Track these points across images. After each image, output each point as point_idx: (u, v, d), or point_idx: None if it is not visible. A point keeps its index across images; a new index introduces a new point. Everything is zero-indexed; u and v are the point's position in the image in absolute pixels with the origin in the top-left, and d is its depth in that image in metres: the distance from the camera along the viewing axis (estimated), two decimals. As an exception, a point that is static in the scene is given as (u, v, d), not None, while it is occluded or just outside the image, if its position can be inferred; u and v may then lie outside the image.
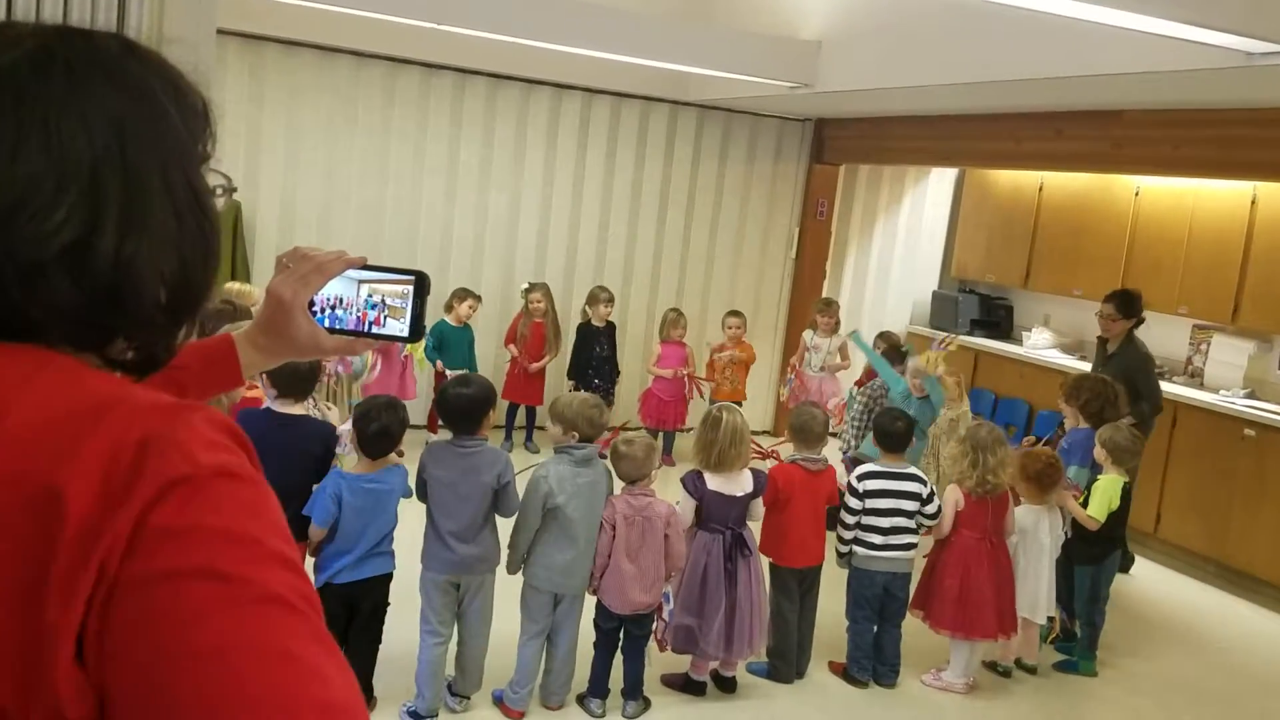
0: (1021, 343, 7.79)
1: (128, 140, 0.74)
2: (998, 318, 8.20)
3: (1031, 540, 4.34)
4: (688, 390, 7.01)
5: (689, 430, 5.32)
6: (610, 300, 7.09)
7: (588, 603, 3.79)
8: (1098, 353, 5.87)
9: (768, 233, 8.19)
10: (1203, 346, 6.67)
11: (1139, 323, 5.65)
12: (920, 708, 4.14)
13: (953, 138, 7.07)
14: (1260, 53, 3.93)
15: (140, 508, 0.63)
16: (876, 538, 4.17)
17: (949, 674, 4.26)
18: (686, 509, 3.88)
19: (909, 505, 4.19)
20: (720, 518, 3.87)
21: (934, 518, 4.22)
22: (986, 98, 5.96)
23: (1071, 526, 4.47)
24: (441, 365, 6.49)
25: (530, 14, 5.57)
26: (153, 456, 0.65)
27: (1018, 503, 4.39)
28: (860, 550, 4.19)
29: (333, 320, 1.21)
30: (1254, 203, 6.15)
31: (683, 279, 7.97)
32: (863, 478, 4.22)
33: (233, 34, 6.28)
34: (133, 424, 0.66)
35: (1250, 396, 6.19)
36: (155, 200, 0.75)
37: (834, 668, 4.29)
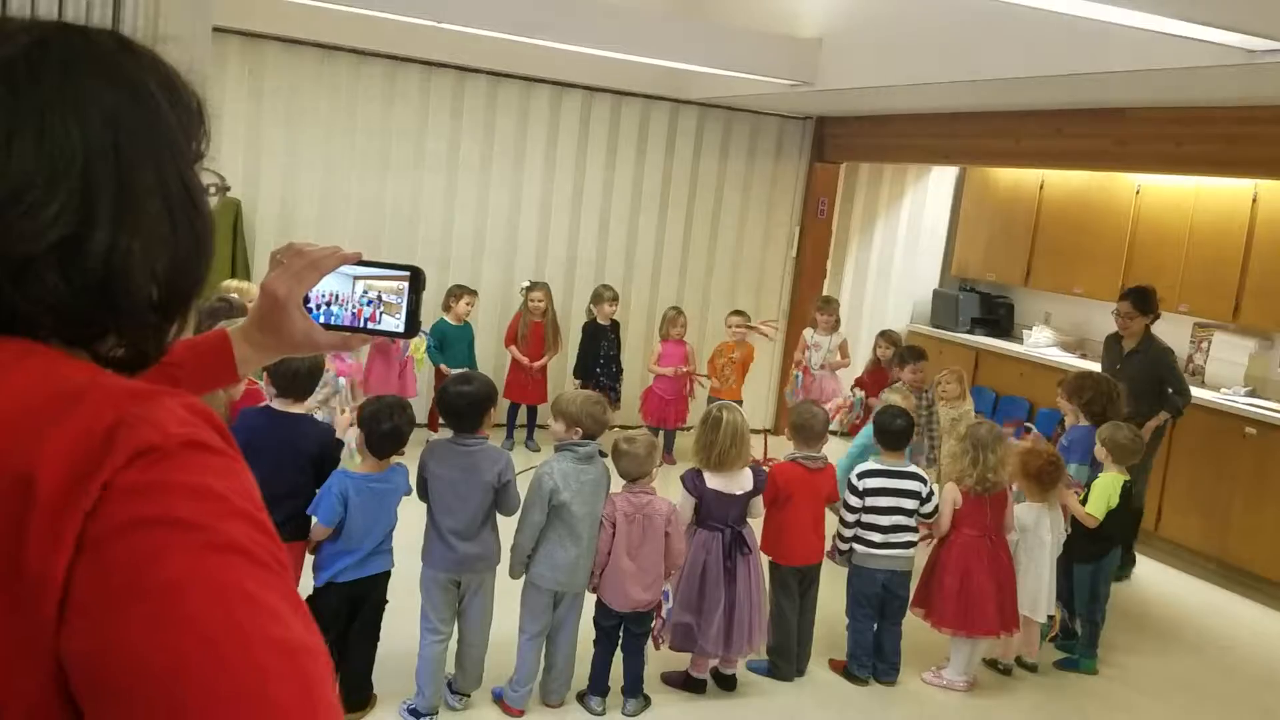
0: (1022, 341, 7.78)
1: (122, 137, 0.74)
2: (998, 316, 8.21)
3: (1033, 538, 4.34)
4: (688, 389, 7.02)
5: (689, 428, 5.31)
6: (615, 299, 7.10)
7: (587, 601, 3.79)
8: (1108, 351, 5.82)
9: (768, 231, 8.18)
10: (1204, 345, 6.66)
11: (1155, 318, 5.64)
12: (920, 706, 4.13)
13: (954, 136, 7.06)
14: (1262, 50, 3.93)
15: (109, 474, 0.63)
16: (876, 536, 4.17)
17: (949, 672, 4.26)
18: (685, 507, 3.88)
19: (909, 504, 4.19)
20: (720, 516, 3.87)
21: (931, 516, 4.22)
22: (987, 96, 5.95)
23: (1071, 524, 4.47)
24: (445, 368, 6.46)
25: (530, 12, 5.56)
26: (124, 431, 0.65)
27: (1018, 500, 4.39)
28: (860, 548, 4.19)
29: (328, 316, 1.21)
30: (1255, 201, 6.14)
31: (683, 277, 7.97)
32: (862, 476, 4.22)
33: (233, 32, 6.29)
34: (106, 408, 0.66)
35: (1251, 395, 6.18)
36: (148, 197, 0.75)
37: (834, 666, 4.29)
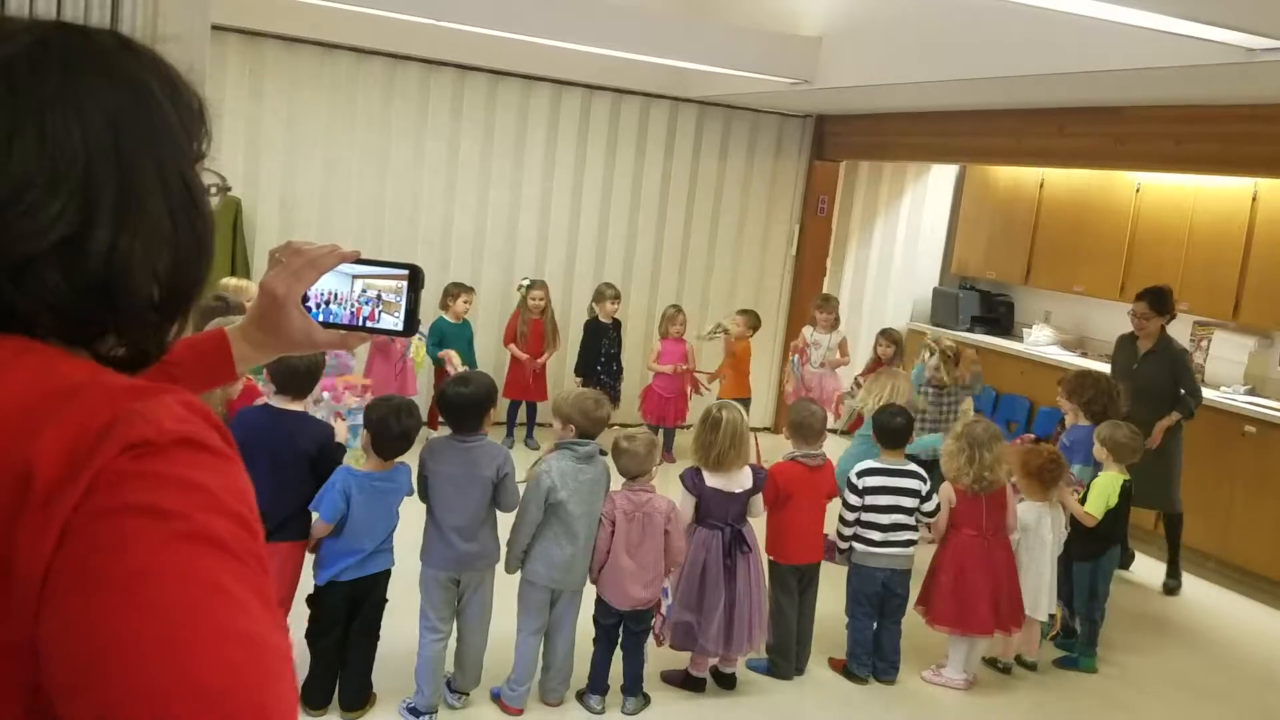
0: (1022, 339, 7.78)
1: (123, 136, 0.74)
2: (998, 314, 8.21)
3: (1033, 537, 4.34)
4: (688, 387, 7.02)
5: (689, 427, 5.31)
6: (617, 297, 7.10)
7: (586, 599, 3.79)
8: (1123, 351, 5.77)
9: (768, 230, 8.18)
10: (1203, 343, 6.66)
11: (1171, 319, 5.62)
12: (920, 704, 4.13)
13: (954, 134, 7.06)
14: (1261, 49, 3.93)
15: (101, 464, 0.63)
16: (876, 534, 4.17)
17: (948, 670, 4.26)
18: (686, 506, 3.88)
19: (908, 502, 4.19)
20: (719, 514, 3.87)
21: (931, 515, 4.22)
22: (988, 94, 5.95)
23: (1070, 523, 4.47)
24: (456, 357, 6.43)
25: (529, 10, 5.56)
26: (120, 426, 0.65)
27: (1020, 499, 4.39)
28: (860, 547, 4.19)
29: (326, 315, 1.21)
30: (1255, 199, 6.14)
31: (683, 276, 7.97)
32: (862, 474, 4.22)
33: (233, 30, 6.28)
34: (103, 405, 0.67)
35: (1251, 393, 6.18)
36: (149, 197, 0.75)
37: (834, 664, 4.29)
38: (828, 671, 4.28)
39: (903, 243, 8.62)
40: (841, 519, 4.22)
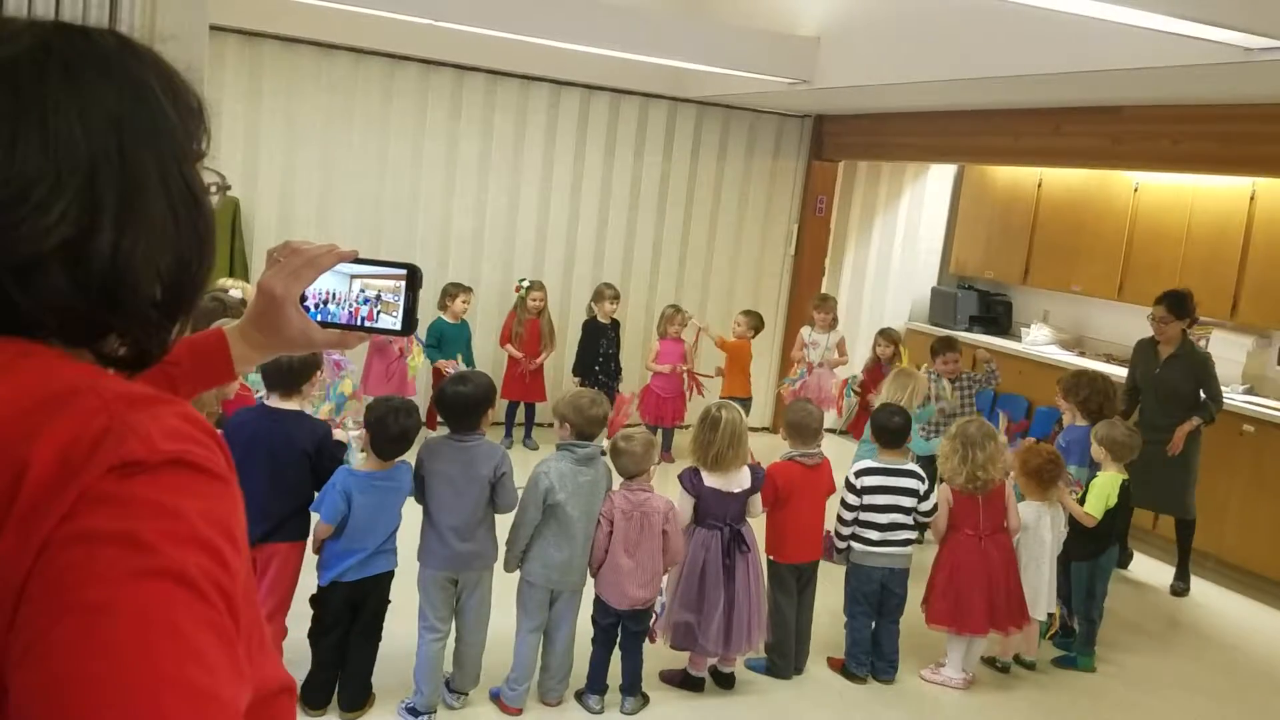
0: (1020, 339, 7.79)
1: (125, 137, 0.74)
2: (997, 314, 8.21)
3: (1033, 536, 4.34)
4: (686, 387, 7.02)
5: (687, 427, 5.31)
6: (616, 297, 7.11)
7: (585, 599, 3.79)
8: (1144, 357, 5.67)
9: (766, 229, 8.18)
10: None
11: (1192, 323, 5.55)
12: (918, 703, 4.14)
13: (952, 134, 7.06)
14: (1259, 48, 3.93)
15: (84, 484, 0.64)
16: (874, 534, 4.17)
17: (947, 670, 4.26)
18: (685, 507, 3.88)
19: (906, 502, 4.19)
20: (718, 514, 3.87)
21: (928, 515, 4.22)
22: (985, 94, 5.95)
23: (1068, 522, 4.47)
24: (459, 359, 6.45)
25: (528, 10, 5.56)
26: (111, 440, 0.65)
27: (1019, 498, 4.39)
28: (858, 546, 4.19)
29: (324, 314, 1.21)
30: (1253, 198, 6.15)
31: (681, 276, 7.97)
32: (860, 474, 4.22)
33: (231, 30, 6.28)
34: (99, 411, 0.67)
35: (1249, 392, 6.18)
36: (152, 197, 0.75)
37: (832, 663, 4.29)
38: (826, 671, 4.28)
39: (901, 242, 8.62)
40: (840, 518, 4.23)
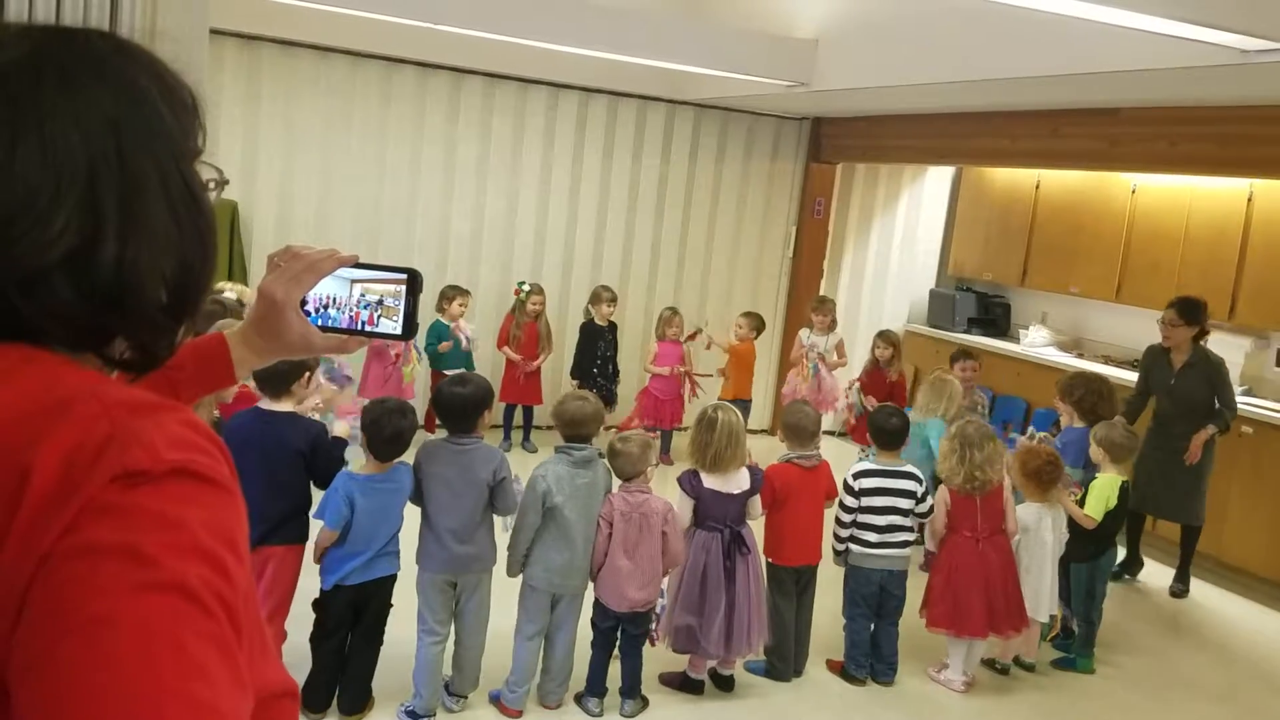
0: (1019, 341, 7.80)
1: (123, 141, 0.74)
2: (995, 316, 8.22)
3: (1033, 538, 4.34)
4: (684, 388, 7.02)
5: (686, 429, 5.31)
6: (613, 300, 7.11)
7: (586, 602, 3.79)
8: (1156, 364, 5.63)
9: (765, 232, 8.19)
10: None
11: (1202, 332, 5.49)
12: (918, 705, 4.14)
13: (949, 136, 7.07)
14: (1256, 50, 3.94)
15: (91, 493, 0.63)
16: (872, 536, 4.17)
17: (948, 671, 4.26)
18: (684, 509, 3.88)
19: (904, 503, 4.19)
20: (718, 516, 3.87)
21: (926, 516, 4.23)
22: (983, 96, 5.96)
23: (1068, 524, 4.47)
24: (463, 324, 6.51)
25: (526, 13, 5.56)
26: (114, 448, 0.65)
27: (1018, 500, 4.39)
28: (856, 548, 4.19)
29: (325, 319, 1.21)
30: (1250, 200, 6.15)
31: (680, 278, 7.97)
32: (859, 476, 4.22)
33: (230, 34, 6.28)
34: (102, 418, 0.67)
35: (1247, 394, 6.18)
36: (153, 201, 0.75)
37: (832, 666, 4.29)
38: (825, 673, 4.28)
39: (899, 244, 8.63)
40: (838, 520, 4.23)
